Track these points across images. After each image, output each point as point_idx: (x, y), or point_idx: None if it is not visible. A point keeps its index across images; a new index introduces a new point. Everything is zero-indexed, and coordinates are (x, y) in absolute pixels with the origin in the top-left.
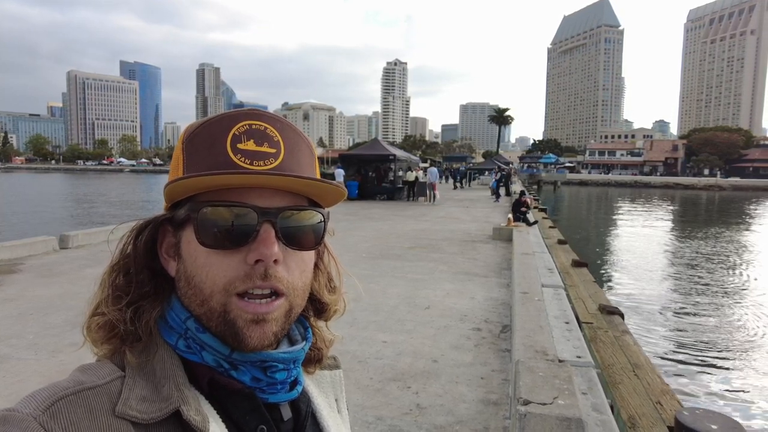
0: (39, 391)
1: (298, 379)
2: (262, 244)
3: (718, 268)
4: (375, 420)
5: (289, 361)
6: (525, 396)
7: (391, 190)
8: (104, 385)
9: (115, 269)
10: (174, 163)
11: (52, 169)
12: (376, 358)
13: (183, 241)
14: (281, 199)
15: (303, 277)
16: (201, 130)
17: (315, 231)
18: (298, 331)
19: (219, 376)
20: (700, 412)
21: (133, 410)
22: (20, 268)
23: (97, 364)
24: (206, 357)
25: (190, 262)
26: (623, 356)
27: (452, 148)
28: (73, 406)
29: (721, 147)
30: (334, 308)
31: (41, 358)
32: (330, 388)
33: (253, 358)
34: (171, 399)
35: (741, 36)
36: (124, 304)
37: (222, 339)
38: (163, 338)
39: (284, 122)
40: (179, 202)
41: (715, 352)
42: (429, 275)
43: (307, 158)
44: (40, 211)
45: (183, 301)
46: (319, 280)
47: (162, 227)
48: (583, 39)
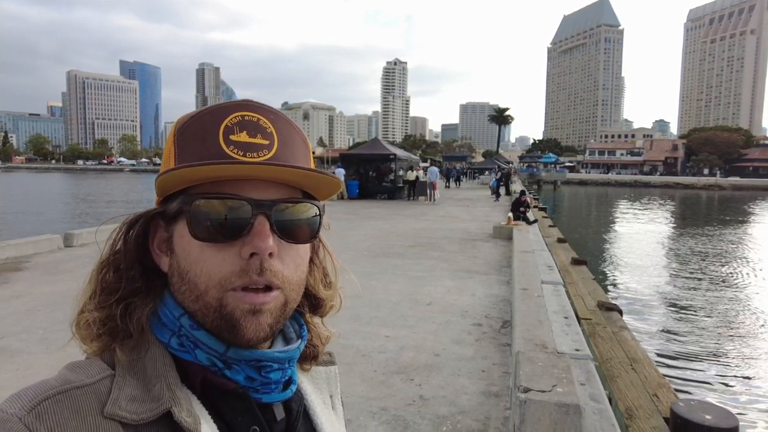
0: (25, 390)
1: (292, 378)
2: (257, 237)
3: (716, 265)
4: (380, 410)
5: (284, 360)
6: (525, 384)
7: (392, 190)
8: (93, 384)
9: (105, 265)
10: (166, 155)
11: (52, 169)
12: (380, 352)
13: (175, 235)
14: (276, 192)
15: (298, 271)
16: (193, 122)
17: (310, 224)
18: (293, 329)
19: (212, 375)
20: (696, 403)
21: (123, 410)
22: (26, 265)
23: (86, 362)
24: (200, 356)
25: (183, 257)
26: (621, 351)
27: (452, 148)
28: (60, 406)
29: (721, 147)
30: (330, 304)
31: (52, 352)
32: (325, 385)
33: (247, 357)
34: (162, 399)
35: (741, 36)
36: (114, 300)
37: (217, 334)
38: (155, 336)
39: (277, 113)
40: (171, 196)
41: (712, 347)
42: (430, 273)
43: (301, 150)
44: (43, 210)
45: (177, 297)
46: (314, 275)
47: (153, 222)
48: (583, 38)
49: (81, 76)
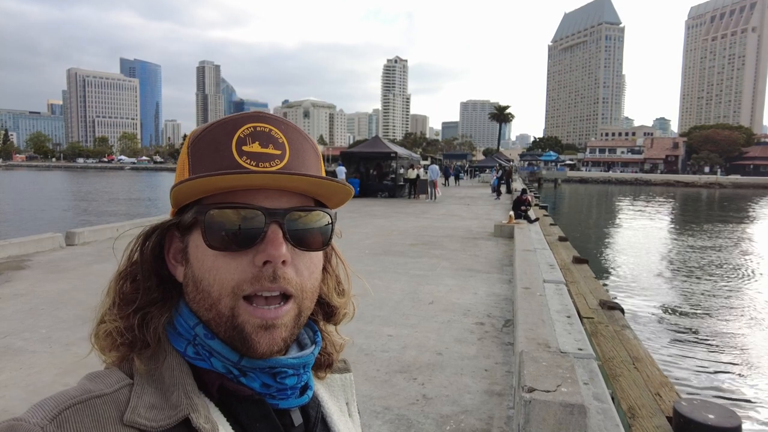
0: (46, 400)
1: (308, 384)
2: (270, 245)
3: (717, 264)
4: (383, 410)
5: (299, 366)
6: (529, 384)
7: (392, 188)
8: (112, 394)
9: (123, 276)
10: (179, 167)
11: (52, 167)
12: (383, 351)
13: (190, 245)
14: (288, 200)
15: (312, 279)
16: (206, 134)
17: (323, 232)
18: (308, 335)
19: (229, 382)
20: (698, 402)
21: (142, 418)
22: (28, 264)
23: (105, 371)
24: (215, 363)
25: (198, 266)
26: (623, 350)
27: (453, 146)
28: (81, 415)
29: (722, 145)
30: (343, 312)
31: (56, 350)
32: (341, 392)
33: (262, 365)
34: (180, 406)
35: (742, 33)
36: (131, 310)
37: (231, 345)
38: (171, 345)
39: (288, 124)
40: (185, 207)
41: (714, 345)
42: (431, 271)
43: (312, 159)
44: (44, 208)
45: (191, 307)
46: (327, 283)
47: (169, 233)
48: (584, 36)
49: (81, 74)
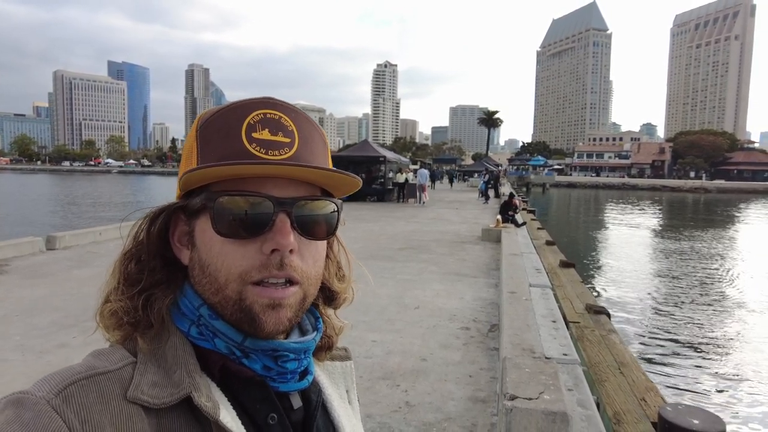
0: (52, 375)
1: (308, 369)
2: (279, 234)
3: (703, 268)
4: (364, 418)
5: (300, 351)
6: (511, 391)
7: (381, 192)
8: (116, 371)
9: (128, 257)
10: (187, 151)
11: (38, 170)
12: (366, 357)
13: (197, 229)
14: (296, 189)
15: (316, 266)
16: (215, 118)
17: (329, 221)
18: (309, 322)
19: (231, 363)
20: (683, 408)
21: (145, 395)
22: (6, 269)
23: (110, 349)
24: (218, 344)
25: (205, 251)
26: (609, 354)
27: (442, 150)
28: (86, 390)
29: (707, 150)
30: (343, 296)
31: (28, 359)
32: (341, 380)
33: (264, 347)
34: (182, 385)
35: (726, 41)
36: (136, 291)
37: (237, 326)
38: (175, 325)
39: (298, 111)
40: (192, 191)
41: (700, 350)
42: (419, 276)
43: (320, 148)
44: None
45: (197, 290)
46: (329, 268)
47: (174, 215)
48: (572, 42)
49: (68, 76)
